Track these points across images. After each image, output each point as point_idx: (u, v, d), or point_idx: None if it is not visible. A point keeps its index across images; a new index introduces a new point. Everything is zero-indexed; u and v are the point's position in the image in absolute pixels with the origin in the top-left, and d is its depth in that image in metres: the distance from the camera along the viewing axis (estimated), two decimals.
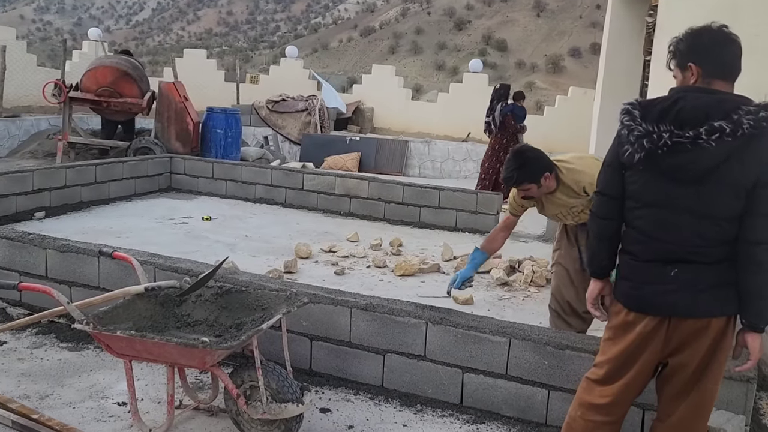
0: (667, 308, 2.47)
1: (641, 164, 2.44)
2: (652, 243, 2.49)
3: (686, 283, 2.44)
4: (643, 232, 2.51)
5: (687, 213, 2.41)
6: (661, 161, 2.40)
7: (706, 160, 2.33)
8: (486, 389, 3.67)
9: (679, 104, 2.40)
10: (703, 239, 2.41)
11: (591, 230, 2.75)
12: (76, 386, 3.72)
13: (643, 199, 2.50)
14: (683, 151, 2.35)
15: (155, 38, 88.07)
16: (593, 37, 38.02)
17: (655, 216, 2.48)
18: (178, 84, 11.72)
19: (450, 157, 15.97)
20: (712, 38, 2.50)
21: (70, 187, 8.52)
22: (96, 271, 4.50)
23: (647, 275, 2.51)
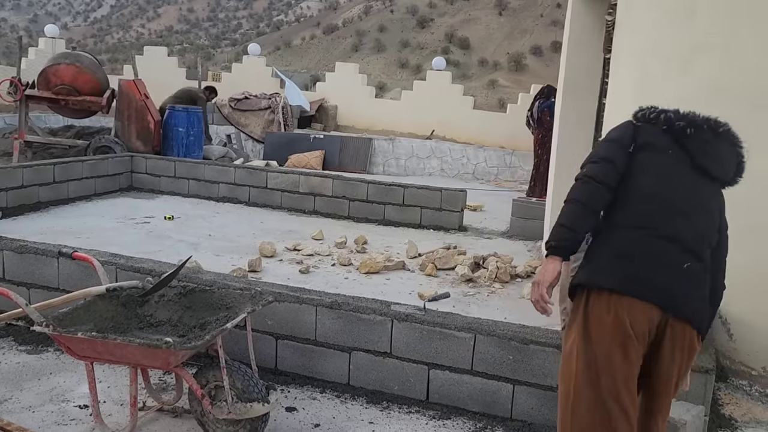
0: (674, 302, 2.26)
1: (673, 148, 2.40)
2: (672, 218, 2.31)
3: (695, 281, 2.30)
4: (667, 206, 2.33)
5: (702, 206, 2.38)
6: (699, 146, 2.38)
7: (729, 165, 2.43)
8: (452, 385, 3.69)
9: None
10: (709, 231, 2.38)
11: (579, 197, 2.39)
12: (36, 390, 3.65)
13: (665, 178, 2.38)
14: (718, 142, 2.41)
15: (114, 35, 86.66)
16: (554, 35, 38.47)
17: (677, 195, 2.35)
18: (139, 82, 11.56)
19: (414, 154, 16.02)
20: None
21: (28, 187, 8.35)
22: (55, 273, 4.42)
23: (660, 256, 2.28)
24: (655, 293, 2.24)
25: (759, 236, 4.16)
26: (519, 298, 5.97)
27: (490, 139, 17.21)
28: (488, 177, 15.64)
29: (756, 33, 4.21)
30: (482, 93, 32.81)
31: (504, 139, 17.12)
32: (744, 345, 4.33)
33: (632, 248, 2.30)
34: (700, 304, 2.30)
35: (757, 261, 4.16)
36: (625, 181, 2.39)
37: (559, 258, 2.39)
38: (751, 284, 4.17)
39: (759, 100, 4.16)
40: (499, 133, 17.32)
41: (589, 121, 7.07)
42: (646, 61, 4.94)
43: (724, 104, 4.17)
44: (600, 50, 6.83)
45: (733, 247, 2.71)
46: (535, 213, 8.47)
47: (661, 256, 2.26)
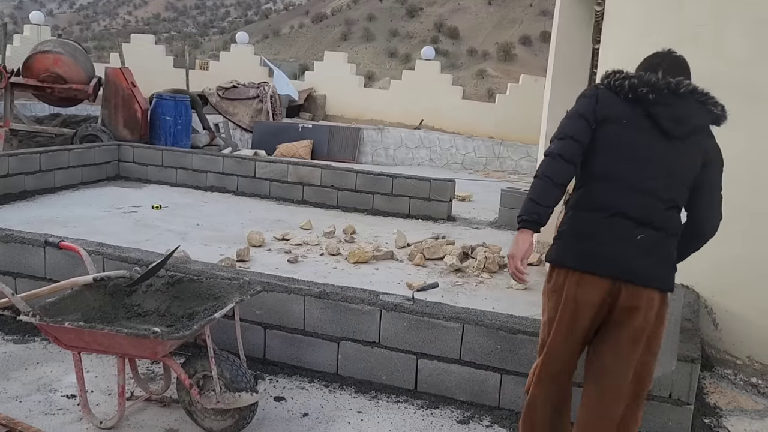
0: (625, 273, 2.47)
1: (628, 117, 2.52)
2: (625, 195, 2.49)
3: (648, 250, 2.47)
4: (616, 182, 2.51)
5: (661, 167, 2.50)
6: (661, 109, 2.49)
7: (698, 120, 2.52)
8: (440, 374, 3.71)
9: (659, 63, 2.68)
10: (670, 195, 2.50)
11: (545, 173, 2.56)
12: (23, 379, 3.63)
13: (621, 152, 2.53)
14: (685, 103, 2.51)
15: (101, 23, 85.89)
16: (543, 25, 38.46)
17: (630, 168, 2.51)
18: (126, 70, 11.48)
19: (403, 144, 16.01)
20: None
21: (13, 176, 8.28)
22: (42, 262, 4.39)
23: (613, 233, 2.49)
24: (606, 267, 2.48)
25: (746, 226, 4.19)
26: (507, 288, 5.99)
27: (479, 129, 17.24)
28: (477, 167, 15.67)
29: (745, 24, 4.23)
30: (471, 83, 32.80)
31: (493, 129, 17.16)
32: (729, 335, 4.37)
33: (588, 229, 2.54)
34: (655, 268, 2.49)
35: (744, 252, 4.19)
36: (587, 159, 2.58)
37: (529, 231, 2.56)
38: (737, 275, 4.21)
39: (751, 92, 4.19)
40: (488, 123, 17.37)
41: None
42: (634, 51, 4.95)
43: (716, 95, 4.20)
44: (589, 41, 6.84)
45: (719, 239, 2.73)
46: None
47: (614, 234, 2.48)
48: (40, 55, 11.11)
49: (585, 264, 2.51)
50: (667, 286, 2.55)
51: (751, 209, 4.21)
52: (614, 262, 2.47)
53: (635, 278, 2.47)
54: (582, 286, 2.52)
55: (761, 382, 4.16)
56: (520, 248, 2.57)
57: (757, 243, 4.22)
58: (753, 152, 4.14)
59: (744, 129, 4.18)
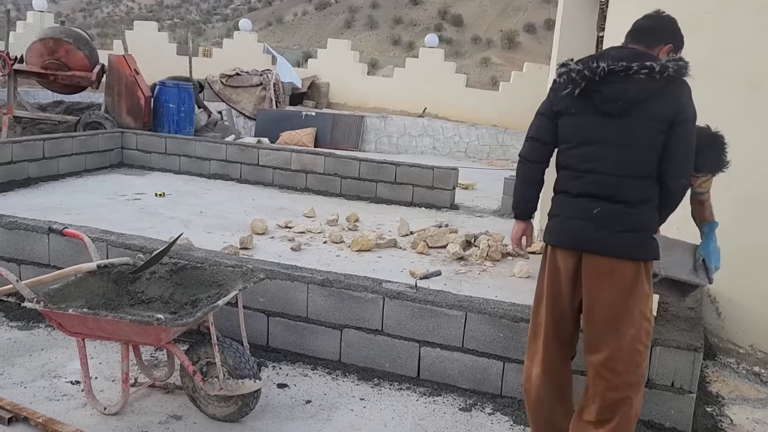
0: (583, 243, 2.69)
1: (575, 107, 2.74)
2: (583, 177, 2.72)
3: (605, 222, 2.65)
4: (575, 168, 2.75)
5: (612, 144, 2.67)
6: (596, 93, 2.67)
7: (634, 93, 2.61)
8: (442, 362, 3.72)
9: (604, 54, 2.77)
10: (625, 167, 2.65)
11: (518, 174, 3.00)
12: (27, 365, 3.65)
13: (576, 138, 2.76)
14: (616, 81, 2.64)
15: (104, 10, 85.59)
16: (548, 12, 38.24)
17: (585, 151, 2.72)
18: (129, 57, 11.45)
19: (406, 132, 15.98)
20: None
21: (17, 163, 8.29)
22: (46, 249, 4.40)
23: (575, 210, 2.73)
24: (568, 239, 2.75)
25: (749, 215, 4.19)
26: (510, 276, 5.99)
27: (483, 117, 17.18)
28: (480, 155, 15.64)
29: (748, 13, 4.20)
30: (475, 71, 32.68)
31: (496, 117, 17.10)
32: (732, 323, 4.38)
33: (556, 209, 2.84)
34: (612, 237, 2.64)
35: (747, 240, 4.18)
36: (557, 149, 2.88)
37: (520, 220, 3.06)
38: (739, 264, 4.20)
39: (754, 80, 4.17)
40: (492, 112, 17.30)
41: None
42: None
43: (718, 84, 4.18)
44: (593, 28, 6.80)
45: (724, 228, 2.73)
46: None
47: (575, 210, 2.74)
48: (43, 41, 11.09)
49: (555, 239, 2.81)
50: (630, 254, 2.66)
51: (754, 198, 4.20)
52: (574, 235, 2.72)
53: (591, 247, 2.67)
54: (556, 257, 2.81)
55: (764, 371, 4.16)
56: (513, 234, 3.10)
57: (760, 231, 4.22)
58: (755, 140, 4.13)
59: (747, 117, 4.17)
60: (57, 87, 11.66)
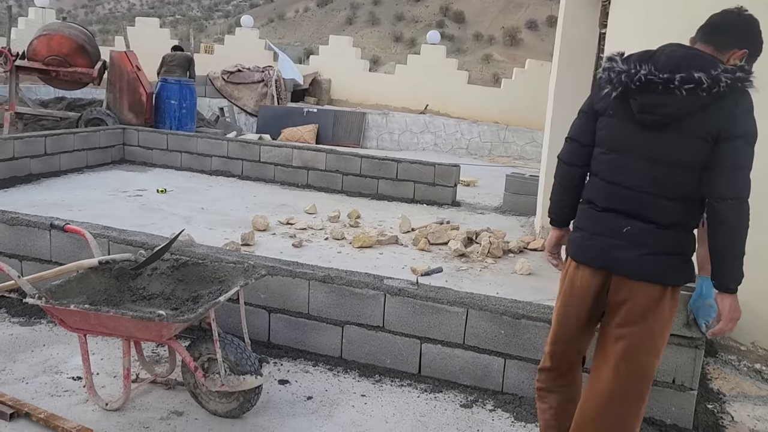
0: (609, 263, 2.49)
1: (613, 108, 2.49)
2: (611, 189, 2.50)
3: (634, 242, 2.45)
4: (603, 177, 2.53)
5: (646, 158, 2.42)
6: (633, 100, 2.42)
7: (673, 108, 2.35)
8: (444, 359, 3.72)
9: (657, 54, 2.45)
10: (659, 186, 2.41)
11: (556, 177, 2.76)
12: (29, 361, 3.65)
13: (608, 144, 2.53)
14: (653, 92, 2.37)
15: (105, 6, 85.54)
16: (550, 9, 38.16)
17: (616, 161, 2.49)
18: (131, 53, 11.45)
19: (408, 129, 15.97)
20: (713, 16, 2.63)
21: (19, 159, 8.30)
22: (47, 245, 4.41)
23: (602, 226, 2.52)
24: (594, 257, 2.54)
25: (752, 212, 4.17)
26: (511, 273, 5.99)
27: (484, 114, 17.18)
28: (482, 152, 15.63)
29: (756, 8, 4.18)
30: (477, 67, 32.63)
31: (498, 114, 17.09)
32: None
33: (582, 222, 2.63)
34: (642, 259, 2.44)
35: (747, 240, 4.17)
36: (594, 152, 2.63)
37: (556, 227, 2.83)
38: None
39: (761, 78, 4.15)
40: (493, 108, 17.30)
41: (584, 96, 7.01)
42: (642, 35, 4.92)
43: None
44: (596, 25, 6.80)
45: None
46: (528, 188, 8.48)
47: (602, 226, 2.53)
48: (44, 38, 11.08)
49: (580, 255, 2.60)
50: (659, 278, 2.45)
51: (754, 197, 4.19)
52: (600, 253, 2.52)
53: (619, 268, 2.48)
54: (577, 275, 2.60)
55: (765, 368, 4.16)
56: (547, 242, 2.89)
57: (761, 231, 4.20)
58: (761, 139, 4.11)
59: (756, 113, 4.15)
60: (59, 83, 11.65)
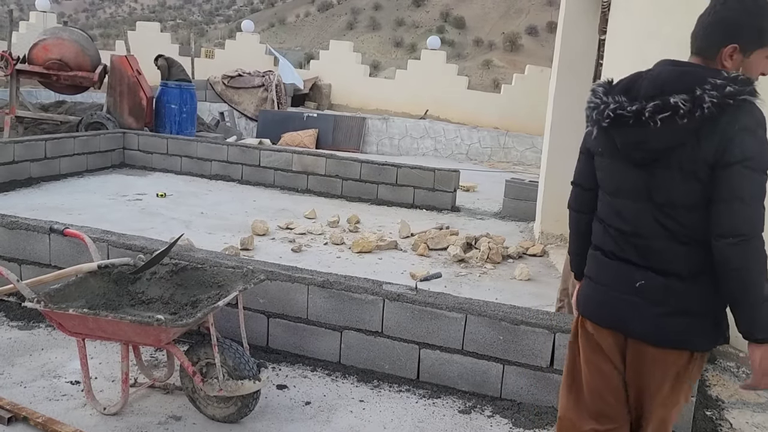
0: (623, 325, 2.12)
1: (602, 146, 2.15)
2: (616, 235, 2.14)
3: (651, 299, 2.06)
4: (608, 223, 2.17)
5: (645, 199, 2.05)
6: (616, 139, 2.07)
7: (656, 142, 1.98)
8: (442, 364, 3.72)
9: (642, 77, 2.10)
10: (666, 230, 2.02)
11: (569, 225, 2.44)
12: (27, 365, 3.65)
13: (604, 185, 2.19)
14: (626, 126, 2.01)
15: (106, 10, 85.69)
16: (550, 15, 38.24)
17: (615, 204, 2.14)
18: (131, 58, 11.46)
19: (408, 134, 15.98)
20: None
21: (19, 163, 8.30)
22: (47, 249, 4.41)
23: (613, 278, 2.15)
24: (606, 317, 2.18)
25: None
26: (510, 278, 5.99)
27: (484, 119, 17.20)
28: (482, 158, 15.64)
29: None
30: (477, 73, 32.68)
31: (498, 119, 17.12)
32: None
33: (591, 270, 2.27)
34: (662, 321, 2.05)
35: None
36: None
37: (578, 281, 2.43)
38: None
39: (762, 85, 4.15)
40: (493, 114, 17.32)
41: (582, 103, 7.04)
42: (642, 42, 4.93)
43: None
44: (595, 31, 6.81)
45: None
46: (527, 194, 8.48)
47: (611, 278, 2.16)
48: (45, 42, 11.10)
49: (590, 312, 2.24)
50: (683, 344, 2.07)
51: None
52: (612, 312, 2.15)
53: (635, 332, 2.10)
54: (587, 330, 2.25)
55: None
56: (573, 295, 2.44)
57: None
58: None
59: None
60: (59, 87, 11.67)
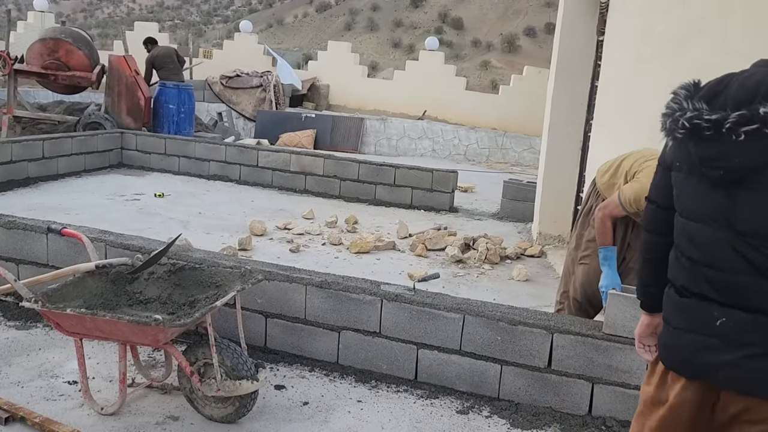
0: (702, 371, 1.80)
1: (679, 159, 1.84)
2: (690, 267, 1.83)
3: (733, 340, 1.73)
4: (681, 251, 1.86)
5: (725, 226, 1.74)
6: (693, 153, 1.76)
7: (741, 159, 1.65)
8: (440, 365, 3.72)
9: (734, 78, 1.76)
10: (750, 263, 1.70)
11: (642, 248, 2.13)
12: (25, 365, 3.64)
13: (679, 206, 1.88)
14: (705, 140, 1.69)
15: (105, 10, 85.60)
16: (548, 16, 38.26)
17: (690, 229, 1.83)
18: (129, 58, 11.45)
19: (406, 134, 15.98)
20: None
21: (17, 163, 8.29)
22: (44, 249, 4.40)
23: (687, 317, 1.84)
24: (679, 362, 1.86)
25: None
26: (508, 279, 6.00)
27: (482, 120, 17.19)
28: (480, 158, 15.64)
29: (751, 17, 4.21)
30: (475, 74, 32.69)
31: (496, 120, 17.11)
32: None
33: (666, 311, 1.94)
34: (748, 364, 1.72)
35: None
36: None
37: (644, 312, 2.15)
38: None
39: None
40: (491, 115, 17.31)
41: (581, 103, 7.07)
42: (639, 42, 4.94)
43: None
44: (593, 32, 6.82)
45: None
46: (525, 195, 8.49)
47: (685, 318, 1.85)
48: (43, 42, 11.08)
49: (664, 357, 1.91)
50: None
51: None
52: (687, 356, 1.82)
53: (716, 379, 1.78)
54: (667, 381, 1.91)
55: None
56: (636, 330, 2.19)
57: None
58: None
59: None
60: (57, 87, 11.65)
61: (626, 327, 3.37)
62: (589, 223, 3.94)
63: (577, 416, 3.48)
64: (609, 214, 3.60)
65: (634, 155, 3.68)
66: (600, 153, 5.71)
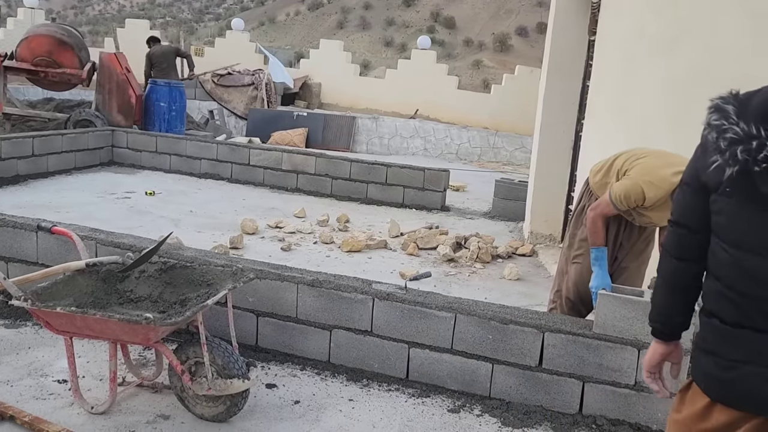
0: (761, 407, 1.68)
1: (729, 185, 1.68)
2: (743, 301, 1.69)
3: None
4: (730, 285, 1.72)
5: None
6: (760, 183, 1.61)
7: None
8: (431, 363, 3.72)
9: None
10: None
11: (660, 272, 1.97)
12: (14, 364, 3.62)
13: (729, 236, 1.72)
14: None
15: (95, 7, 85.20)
16: (540, 16, 38.33)
17: (746, 263, 1.68)
18: (120, 55, 11.40)
19: (398, 133, 15.98)
20: None
21: (6, 160, 8.24)
22: (34, 247, 4.38)
23: (744, 350, 1.69)
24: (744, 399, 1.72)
25: None
26: (499, 278, 6.01)
27: (474, 119, 17.21)
28: (471, 157, 15.66)
29: (740, 18, 4.23)
30: (467, 73, 32.72)
31: (488, 119, 17.14)
32: None
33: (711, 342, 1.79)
34: None
35: None
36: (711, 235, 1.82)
37: (658, 341, 2.01)
38: None
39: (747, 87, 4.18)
40: (483, 114, 17.34)
41: (572, 103, 7.09)
42: (631, 42, 4.95)
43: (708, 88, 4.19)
44: (585, 32, 6.84)
45: None
46: (517, 194, 8.50)
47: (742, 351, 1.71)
48: (33, 38, 11.02)
49: (714, 390, 1.77)
50: None
51: None
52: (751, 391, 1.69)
53: None
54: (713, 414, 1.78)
55: None
56: (646, 358, 2.06)
57: None
58: None
59: None
60: (47, 84, 11.60)
61: (616, 327, 3.39)
62: (582, 222, 3.95)
63: (568, 415, 3.49)
64: (600, 213, 3.61)
65: (626, 154, 3.70)
66: (591, 152, 5.73)
